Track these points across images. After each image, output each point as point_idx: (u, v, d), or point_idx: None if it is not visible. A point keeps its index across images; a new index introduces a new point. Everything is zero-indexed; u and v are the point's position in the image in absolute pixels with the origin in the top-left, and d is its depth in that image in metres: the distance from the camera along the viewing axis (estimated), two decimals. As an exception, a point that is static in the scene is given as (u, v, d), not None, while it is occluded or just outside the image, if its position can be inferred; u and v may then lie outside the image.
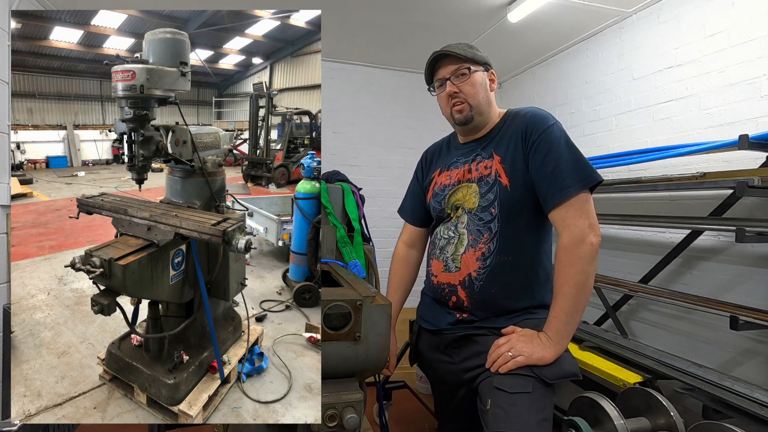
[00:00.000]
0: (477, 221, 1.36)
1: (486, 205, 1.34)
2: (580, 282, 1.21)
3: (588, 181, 1.24)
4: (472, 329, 1.37)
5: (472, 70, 1.38)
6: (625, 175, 3.01)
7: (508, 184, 1.32)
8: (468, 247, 1.36)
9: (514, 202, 1.31)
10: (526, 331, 1.27)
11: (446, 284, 1.40)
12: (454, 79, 1.39)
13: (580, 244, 1.20)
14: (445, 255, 1.41)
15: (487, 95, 1.41)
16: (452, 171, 1.47)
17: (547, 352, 1.22)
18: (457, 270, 1.37)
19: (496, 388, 1.23)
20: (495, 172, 1.35)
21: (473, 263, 1.34)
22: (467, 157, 1.45)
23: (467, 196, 1.39)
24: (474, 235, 1.35)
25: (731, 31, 2.42)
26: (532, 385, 1.21)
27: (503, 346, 1.26)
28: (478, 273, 1.34)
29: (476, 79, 1.39)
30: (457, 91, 1.39)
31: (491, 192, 1.34)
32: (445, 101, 1.43)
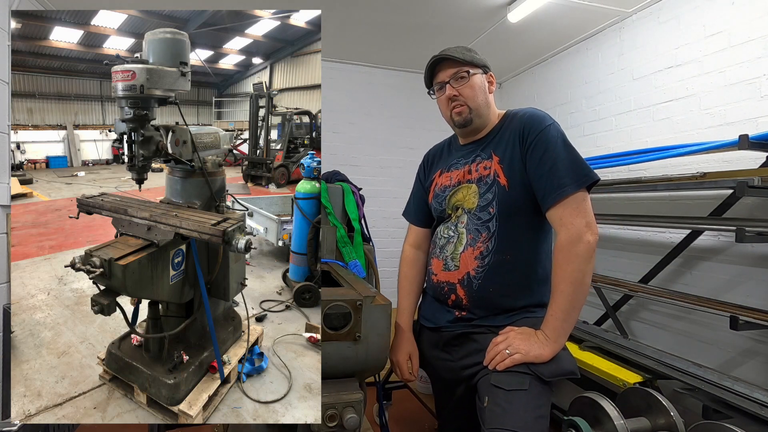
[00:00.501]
0: (476, 221, 1.37)
1: (484, 204, 1.36)
2: (577, 280, 1.22)
3: (585, 180, 1.25)
4: (471, 327, 1.39)
5: (471, 74, 1.39)
6: (625, 175, 3.01)
7: (506, 184, 1.33)
8: (467, 246, 1.37)
9: (512, 201, 1.32)
10: (523, 329, 1.29)
11: (445, 282, 1.42)
12: (453, 83, 1.40)
13: (577, 243, 1.21)
14: (445, 254, 1.43)
15: (485, 97, 1.43)
16: (453, 172, 1.48)
17: (545, 350, 1.23)
18: (456, 269, 1.39)
19: (493, 385, 1.24)
20: (494, 172, 1.36)
21: (471, 262, 1.36)
22: (467, 158, 1.46)
23: (467, 196, 1.41)
24: (473, 234, 1.37)
25: (731, 31, 2.42)
26: (528, 383, 1.21)
27: (501, 344, 1.27)
28: (476, 272, 1.35)
29: (475, 81, 1.40)
30: (456, 94, 1.40)
31: (490, 192, 1.35)
32: (445, 104, 1.44)
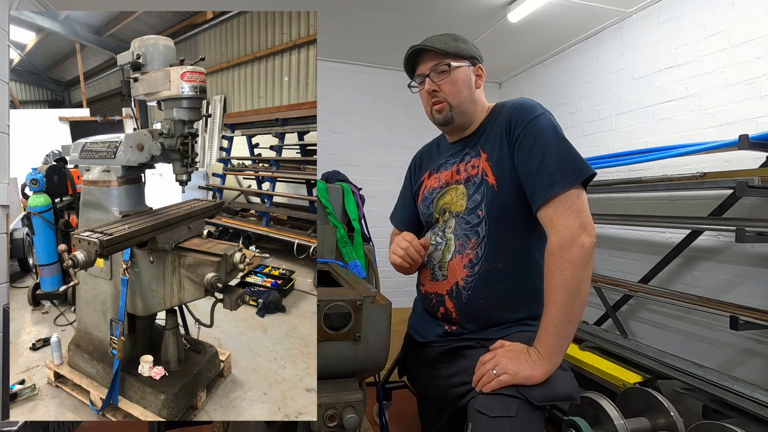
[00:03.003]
0: (464, 225, 1.25)
1: (473, 207, 1.23)
2: (571, 289, 1.06)
3: (578, 176, 1.09)
4: (462, 341, 1.27)
5: (452, 66, 1.25)
6: (625, 175, 3.00)
7: (495, 183, 1.20)
8: (455, 254, 1.25)
9: (502, 203, 1.19)
10: (514, 346, 1.13)
11: (433, 294, 1.30)
12: (434, 76, 1.26)
13: (570, 247, 1.06)
14: (432, 262, 1.31)
15: (470, 93, 1.28)
16: (441, 173, 1.36)
17: (536, 370, 1.07)
18: (444, 278, 1.27)
19: (478, 411, 1.10)
20: (482, 171, 1.23)
21: (460, 271, 1.23)
22: (456, 157, 1.34)
23: (454, 198, 1.29)
24: (461, 240, 1.24)
25: (731, 31, 2.42)
26: (516, 408, 1.06)
27: (488, 363, 1.13)
28: (465, 282, 1.23)
29: (458, 76, 1.25)
30: (436, 89, 1.26)
31: (478, 193, 1.23)
32: (426, 99, 1.31)
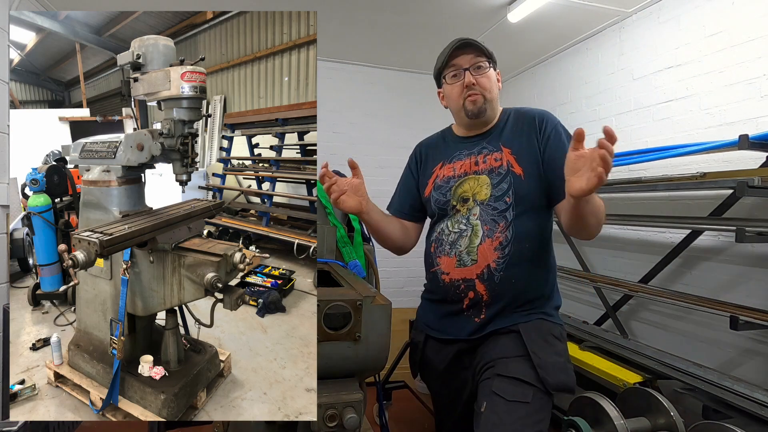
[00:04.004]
0: (491, 211, 1.35)
1: (500, 195, 1.35)
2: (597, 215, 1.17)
3: None
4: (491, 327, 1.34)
5: (489, 65, 1.40)
6: (625, 175, 3.00)
7: (522, 173, 1.34)
8: (484, 238, 1.34)
9: (528, 190, 1.34)
10: None
11: (461, 280, 1.35)
12: (473, 71, 1.38)
13: None
14: (458, 249, 1.36)
15: (497, 92, 1.44)
16: (455, 163, 1.46)
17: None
18: (474, 263, 1.33)
19: (494, 392, 1.20)
20: (507, 163, 1.37)
21: (491, 254, 1.32)
22: (471, 149, 1.45)
23: (476, 188, 1.38)
24: (489, 225, 1.34)
25: (731, 31, 2.42)
26: (531, 395, 1.18)
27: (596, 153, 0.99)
28: (497, 263, 1.32)
29: (491, 74, 1.41)
30: (474, 83, 1.38)
31: (504, 182, 1.35)
32: (459, 92, 1.41)
